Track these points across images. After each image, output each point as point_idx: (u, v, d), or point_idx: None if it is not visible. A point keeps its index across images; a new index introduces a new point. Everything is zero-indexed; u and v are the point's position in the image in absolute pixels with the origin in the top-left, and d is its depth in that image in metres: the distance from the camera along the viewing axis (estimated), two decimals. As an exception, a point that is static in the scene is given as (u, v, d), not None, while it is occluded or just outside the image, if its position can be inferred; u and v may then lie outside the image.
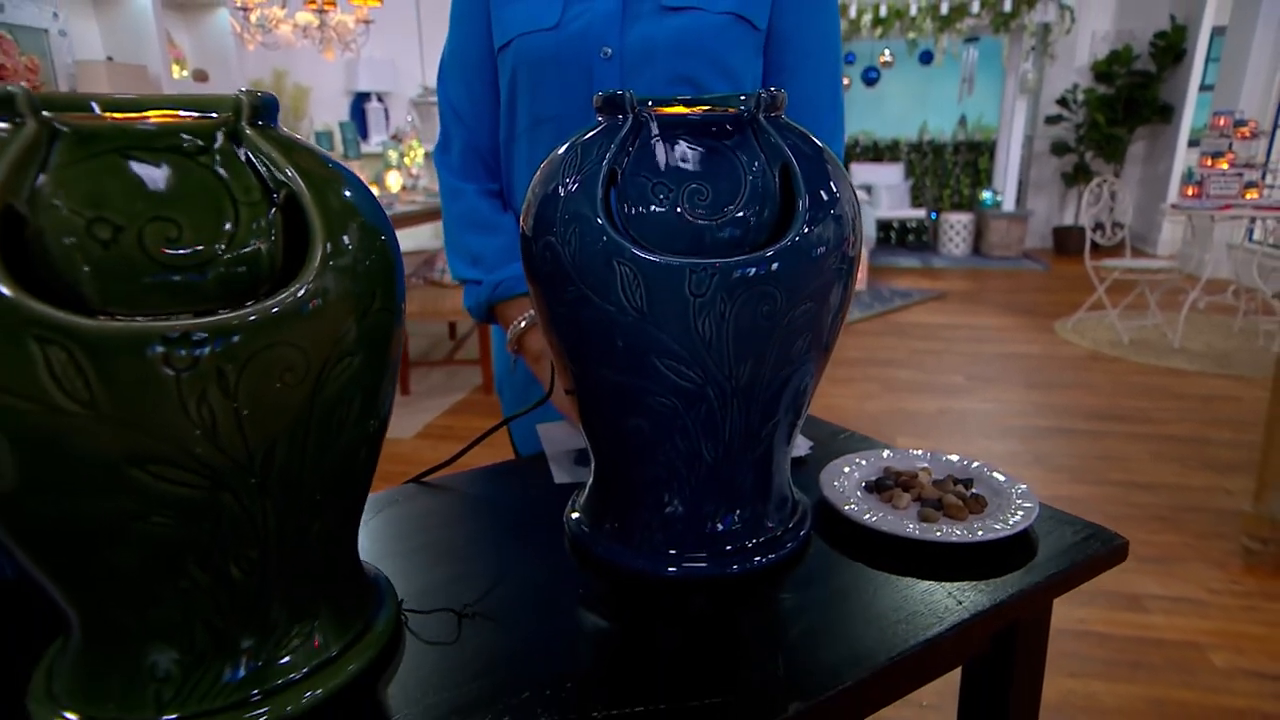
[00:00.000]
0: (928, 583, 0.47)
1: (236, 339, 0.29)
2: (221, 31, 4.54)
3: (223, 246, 0.31)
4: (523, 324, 0.71)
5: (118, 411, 0.28)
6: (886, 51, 6.91)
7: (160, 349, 0.28)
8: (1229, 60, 5.24)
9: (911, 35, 6.23)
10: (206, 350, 0.28)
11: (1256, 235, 4.97)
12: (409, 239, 5.75)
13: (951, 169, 7.45)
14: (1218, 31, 5.83)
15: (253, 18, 3.22)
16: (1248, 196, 3.76)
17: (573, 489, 0.59)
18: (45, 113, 0.29)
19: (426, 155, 4.61)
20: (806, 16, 0.72)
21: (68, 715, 0.35)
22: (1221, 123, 3.89)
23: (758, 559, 0.48)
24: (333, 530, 0.37)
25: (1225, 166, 3.78)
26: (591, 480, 0.52)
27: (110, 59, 3.90)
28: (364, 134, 5.51)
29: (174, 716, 0.34)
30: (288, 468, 0.32)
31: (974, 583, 0.47)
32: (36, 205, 0.28)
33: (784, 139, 0.43)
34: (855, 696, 0.39)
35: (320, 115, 5.35)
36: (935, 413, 3.05)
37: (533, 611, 0.45)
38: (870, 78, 7.55)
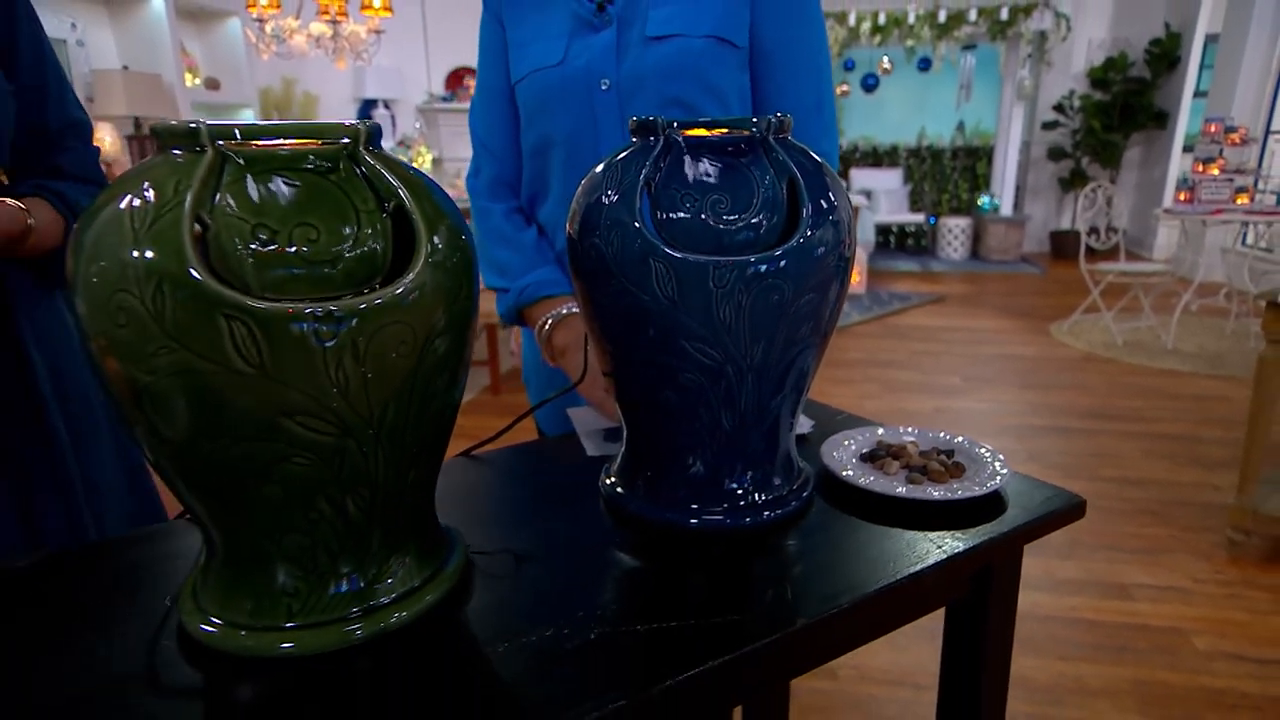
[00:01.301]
0: (913, 532, 0.55)
1: (366, 318, 0.37)
2: (233, 40, 4.64)
3: (348, 246, 0.39)
4: (548, 324, 0.80)
5: (278, 373, 0.36)
6: (885, 59, 7.02)
7: (312, 325, 0.36)
8: (1222, 67, 5.34)
9: (910, 43, 6.33)
10: (345, 326, 0.37)
11: (1248, 239, 5.06)
12: None
13: (950, 174, 7.55)
14: (1211, 39, 5.93)
15: (268, 28, 3.32)
16: (1239, 201, 3.85)
17: (602, 461, 0.67)
18: (220, 142, 0.37)
19: (435, 161, 4.71)
20: (786, 29, 0.79)
21: (213, 619, 0.43)
22: (1213, 129, 3.98)
23: (767, 514, 0.56)
24: (422, 479, 0.46)
25: (1216, 172, 3.87)
26: (624, 449, 0.60)
27: (126, 68, 4.00)
28: (371, 140, 5.60)
29: (297, 624, 0.43)
30: (395, 424, 0.41)
31: (953, 532, 0.55)
32: (214, 214, 0.37)
33: (790, 156, 0.51)
34: (852, 617, 0.47)
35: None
36: (932, 412, 3.14)
37: (577, 556, 0.54)
38: (869, 84, 7.65)
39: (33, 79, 0.73)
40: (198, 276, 0.34)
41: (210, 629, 0.44)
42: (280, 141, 0.40)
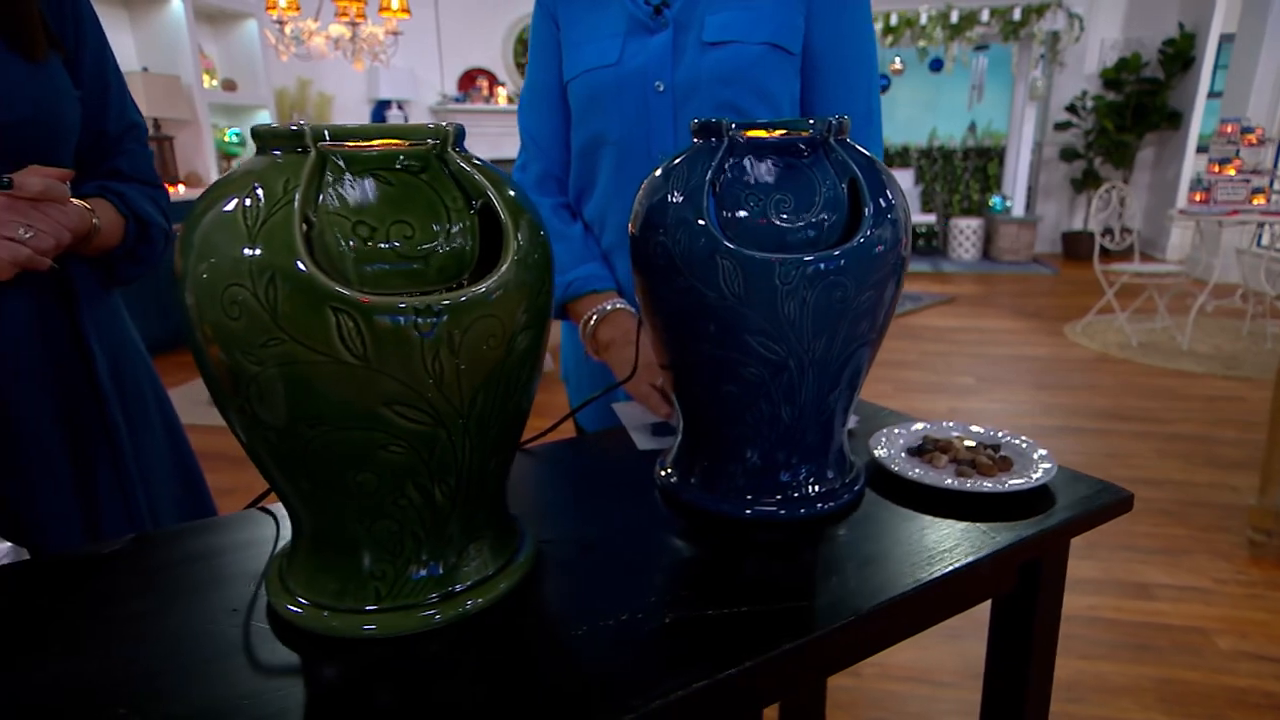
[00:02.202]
0: (964, 524, 0.56)
1: (462, 312, 0.39)
2: (249, 41, 4.69)
3: (440, 243, 0.41)
4: (593, 319, 0.81)
5: (380, 364, 0.38)
6: (897, 59, 7.01)
7: (413, 317, 0.38)
8: (1237, 68, 5.32)
9: (922, 43, 6.32)
10: (443, 319, 0.38)
11: (1264, 240, 5.03)
12: None
13: (961, 175, 7.53)
14: (1226, 39, 5.90)
15: (287, 30, 3.35)
16: (1255, 202, 3.83)
17: (650, 454, 0.69)
18: (321, 144, 0.39)
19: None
20: (839, 38, 0.80)
21: (300, 600, 0.45)
22: (1229, 130, 3.97)
23: (820, 505, 0.58)
24: (500, 469, 0.47)
25: (1233, 173, 3.86)
26: (680, 440, 0.62)
27: (145, 70, 4.04)
28: (385, 140, 5.64)
29: (380, 606, 0.44)
30: (483, 414, 0.42)
31: (1003, 523, 0.56)
32: (318, 212, 0.38)
33: (850, 157, 0.52)
34: (909, 606, 0.49)
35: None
36: (946, 412, 3.14)
37: (639, 545, 0.55)
38: (881, 85, 7.63)
39: (96, 83, 0.75)
40: (309, 271, 0.36)
41: (296, 609, 0.45)
42: (371, 142, 0.41)
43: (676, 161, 0.55)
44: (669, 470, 0.62)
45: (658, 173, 0.56)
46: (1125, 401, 3.20)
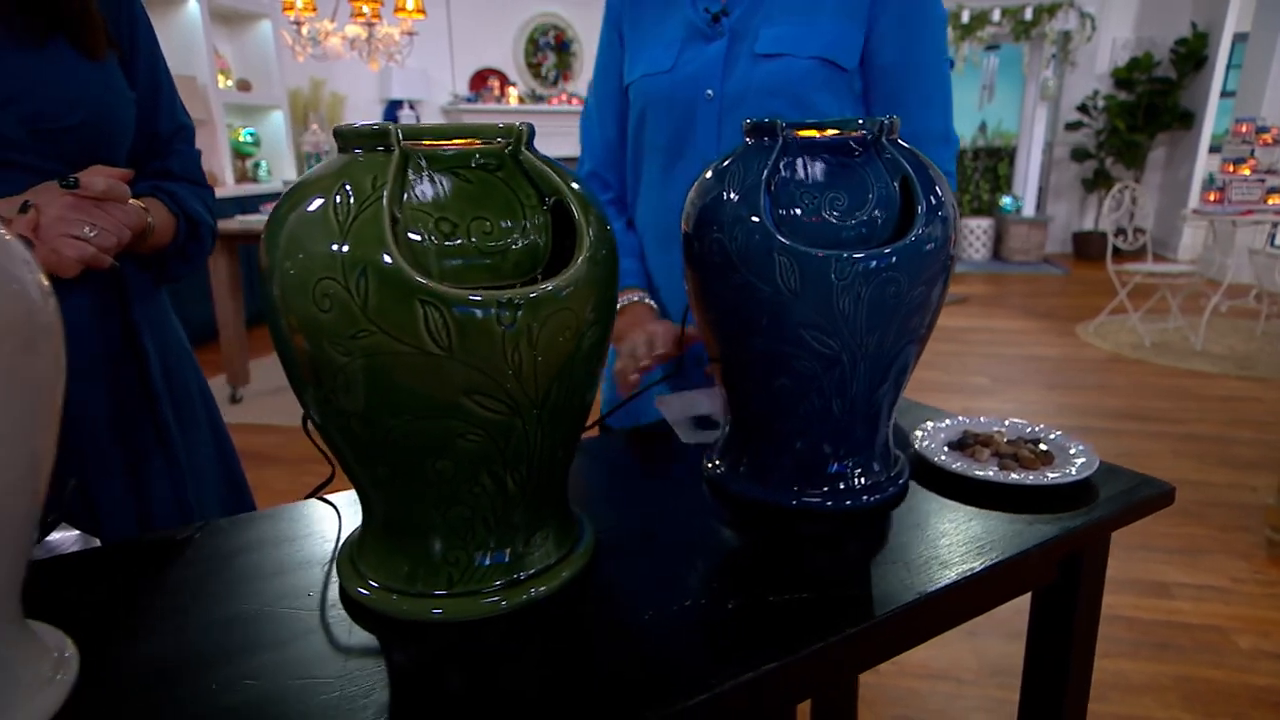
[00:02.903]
0: (1009, 515, 0.58)
1: (540, 305, 0.40)
2: (264, 42, 4.72)
3: (515, 238, 0.43)
4: (616, 309, 0.84)
5: (463, 355, 0.39)
6: (907, 59, 6.98)
7: (496, 311, 0.39)
8: (1251, 67, 5.29)
9: (932, 43, 6.30)
10: (523, 312, 0.40)
11: (1278, 241, 5.00)
12: None
13: (971, 175, 7.51)
14: (1239, 38, 5.87)
15: (304, 30, 3.37)
16: (1270, 202, 3.82)
17: (695, 446, 0.70)
18: (405, 143, 0.41)
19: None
20: (913, 55, 0.80)
21: (371, 583, 0.46)
22: (1244, 129, 3.95)
23: (865, 497, 0.59)
24: (567, 458, 0.49)
25: (1247, 172, 3.85)
26: (728, 432, 0.63)
27: (163, 69, 4.07)
28: (397, 140, 5.67)
29: (449, 591, 0.46)
30: (556, 404, 0.44)
31: (1046, 515, 0.57)
32: (403, 208, 0.40)
33: (901, 156, 0.54)
34: (958, 596, 0.50)
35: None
36: (959, 412, 3.13)
37: (692, 534, 0.57)
38: (890, 84, 7.59)
39: (149, 85, 0.77)
40: (399, 265, 0.38)
41: (367, 591, 0.47)
42: (449, 142, 0.43)
43: (726, 163, 0.57)
44: (717, 462, 0.64)
45: (708, 174, 0.57)
46: (1139, 402, 3.19)
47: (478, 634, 0.45)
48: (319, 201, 0.40)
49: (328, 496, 0.63)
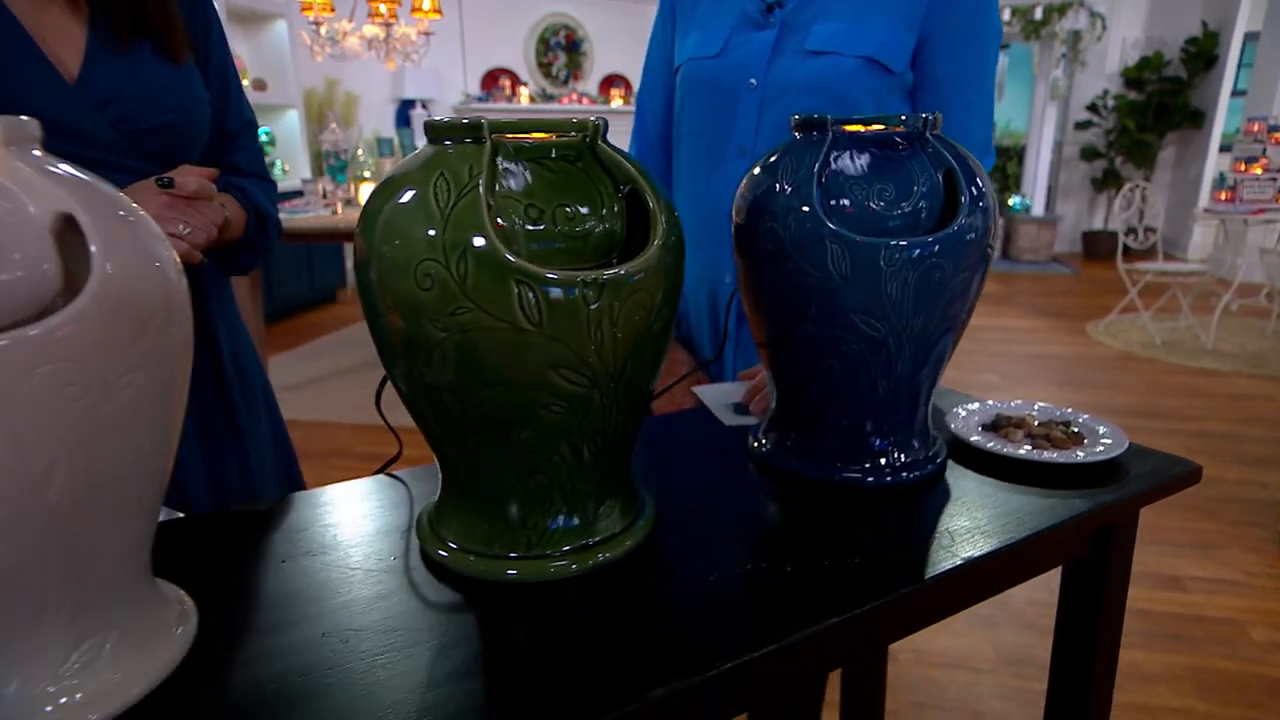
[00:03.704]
0: (1044, 490, 0.61)
1: (621, 286, 0.44)
2: (279, 41, 4.76)
3: (594, 224, 0.46)
4: None
5: (552, 331, 0.42)
6: (916, 58, 7.00)
7: (583, 290, 0.42)
8: (1262, 66, 5.29)
9: (942, 42, 6.32)
10: (605, 292, 0.43)
11: (1289, 240, 5.00)
12: None
13: (980, 174, 7.50)
14: (1250, 37, 5.87)
15: (323, 30, 3.42)
16: (1281, 201, 3.83)
17: (734, 429, 0.73)
18: (494, 135, 0.44)
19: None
20: (962, 67, 0.82)
21: (450, 544, 0.50)
22: (1255, 128, 3.96)
23: (905, 474, 0.62)
24: (635, 432, 0.52)
25: (1259, 171, 3.86)
26: (774, 411, 0.67)
27: (181, 69, 4.11)
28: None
29: (523, 554, 0.49)
30: (629, 379, 0.47)
31: (1078, 491, 0.60)
32: (495, 195, 0.43)
33: (945, 149, 0.57)
34: (997, 564, 0.53)
35: (368, 122, 5.56)
36: (972, 409, 3.17)
37: (743, 507, 0.60)
38: (899, 84, 7.59)
39: (220, 85, 0.81)
40: (497, 248, 0.41)
41: (446, 554, 0.50)
42: (531, 135, 0.46)
43: (774, 158, 0.60)
44: (763, 440, 0.67)
45: (756, 170, 0.61)
46: (1151, 399, 3.21)
47: (549, 595, 0.49)
48: (414, 191, 0.43)
49: (395, 472, 0.66)
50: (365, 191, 3.20)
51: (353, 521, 0.58)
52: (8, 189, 0.33)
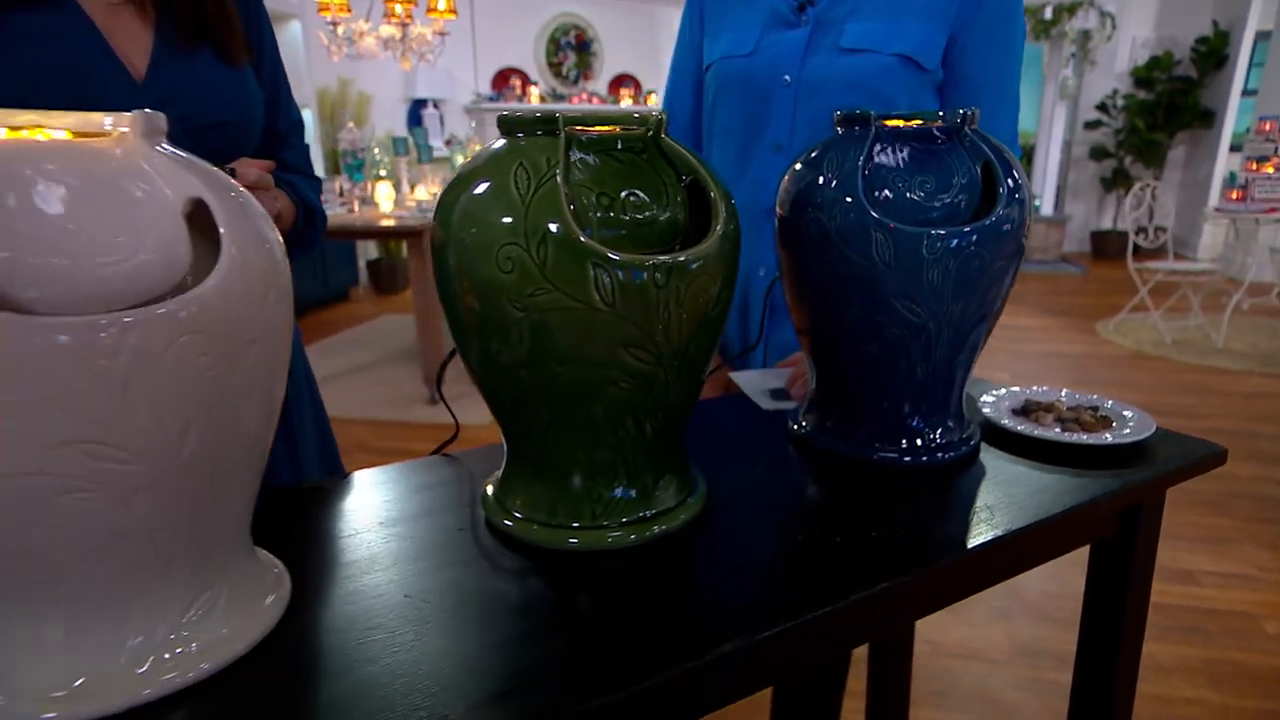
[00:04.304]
0: (1074, 471, 0.63)
1: (687, 270, 0.47)
2: (293, 42, 4.81)
3: (659, 212, 0.49)
4: None
5: (624, 311, 0.45)
6: (925, 58, 7.00)
7: (654, 273, 0.45)
8: (1273, 65, 5.29)
9: (951, 42, 6.33)
10: (673, 275, 0.46)
11: (1300, 239, 5.00)
12: None
13: (989, 173, 7.51)
14: (1261, 36, 5.86)
15: (339, 31, 3.46)
16: (1292, 200, 3.83)
17: (775, 413, 0.76)
18: (567, 128, 0.47)
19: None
20: (991, 64, 0.85)
21: (515, 514, 0.53)
22: (1267, 127, 3.97)
23: (940, 454, 0.65)
24: (691, 410, 0.55)
25: (1271, 170, 3.86)
26: (814, 394, 0.69)
27: (198, 69, 4.16)
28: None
29: (584, 524, 0.52)
30: (691, 358, 0.50)
31: (1106, 471, 0.63)
32: (570, 184, 0.46)
33: (983, 143, 0.59)
34: (1033, 538, 0.56)
35: (380, 121, 5.60)
36: (983, 407, 3.18)
37: (786, 485, 0.63)
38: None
39: (272, 85, 0.84)
40: (576, 233, 0.44)
41: (511, 524, 0.53)
42: (598, 128, 0.49)
43: (815, 154, 0.63)
44: (802, 423, 0.70)
45: (798, 166, 0.64)
46: (1161, 398, 3.22)
47: (606, 563, 0.52)
48: (494, 181, 0.46)
49: (450, 452, 0.69)
50: (382, 190, 3.24)
51: (419, 495, 0.61)
52: (149, 176, 0.36)
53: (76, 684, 0.37)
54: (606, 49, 6.62)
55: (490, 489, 0.57)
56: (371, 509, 0.59)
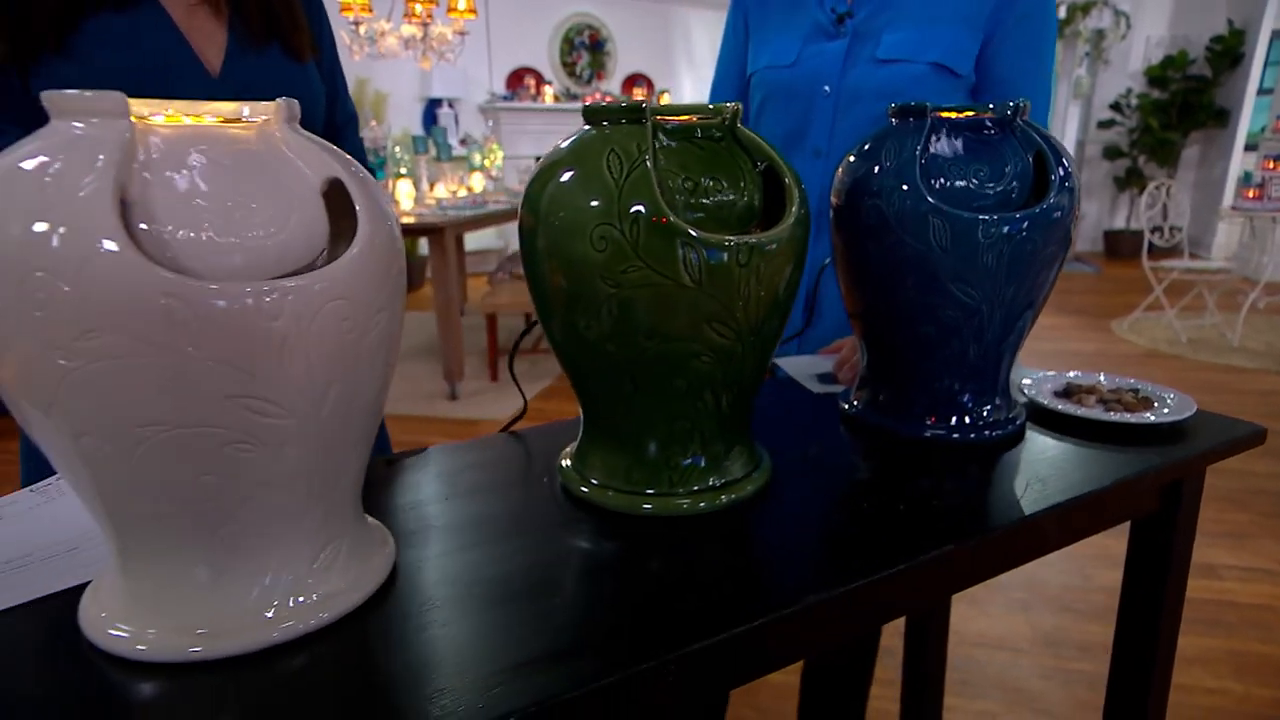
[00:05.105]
0: (1118, 448, 0.66)
1: (765, 249, 0.50)
2: (312, 42, 4.86)
3: (738, 196, 0.52)
4: None
5: (709, 288, 0.49)
6: (938, 57, 7.01)
7: (734, 253, 0.48)
8: (1288, 65, 5.27)
9: (965, 41, 6.33)
10: (754, 255, 0.49)
11: (1316, 238, 4.98)
12: (498, 238, 6.00)
13: (1001, 173, 7.50)
14: (1277, 35, 5.84)
15: (361, 30, 3.51)
16: (1309, 199, 3.83)
17: (824, 396, 0.79)
18: (656, 117, 0.50)
19: (506, 159, 4.89)
20: (1025, 65, 0.88)
21: (592, 481, 0.56)
22: (1283, 127, 3.96)
23: (988, 432, 0.68)
24: (759, 386, 0.58)
25: (1287, 169, 3.86)
26: (865, 374, 0.72)
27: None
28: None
29: (658, 491, 0.55)
30: (766, 335, 0.53)
31: (1149, 448, 0.66)
32: (658, 167, 0.49)
33: (1034, 133, 0.62)
34: (1084, 508, 0.59)
35: (396, 120, 5.65)
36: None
37: (844, 459, 0.66)
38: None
39: (331, 81, 0.88)
40: (666, 213, 0.47)
41: (587, 490, 0.57)
42: (679, 117, 0.52)
43: (868, 146, 0.66)
44: (854, 402, 0.73)
45: (851, 157, 0.66)
46: (1178, 395, 3.23)
47: (677, 528, 0.55)
48: (586, 166, 0.50)
49: (515, 431, 0.73)
50: (402, 188, 3.28)
51: (494, 467, 0.64)
52: (290, 159, 0.39)
53: (217, 622, 0.41)
54: (620, 49, 6.65)
55: (565, 461, 0.60)
56: (453, 479, 0.62)
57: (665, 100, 6.60)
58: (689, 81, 7.08)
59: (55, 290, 0.32)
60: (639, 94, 6.66)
